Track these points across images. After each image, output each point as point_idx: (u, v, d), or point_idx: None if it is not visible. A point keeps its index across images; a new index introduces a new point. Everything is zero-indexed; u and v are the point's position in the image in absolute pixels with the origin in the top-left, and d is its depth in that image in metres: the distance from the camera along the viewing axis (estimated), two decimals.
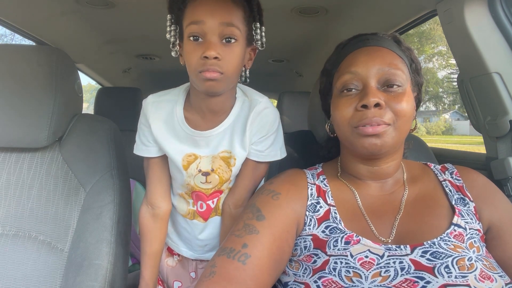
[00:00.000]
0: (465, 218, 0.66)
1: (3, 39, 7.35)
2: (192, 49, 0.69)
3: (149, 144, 0.83)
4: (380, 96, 0.65)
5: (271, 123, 0.81)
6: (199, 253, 0.95)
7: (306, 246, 0.66)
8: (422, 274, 0.56)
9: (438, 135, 25.26)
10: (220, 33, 0.68)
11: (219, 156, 0.82)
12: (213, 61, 0.67)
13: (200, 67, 0.68)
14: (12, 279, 0.82)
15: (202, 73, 0.68)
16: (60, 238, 0.87)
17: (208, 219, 0.90)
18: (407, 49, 0.73)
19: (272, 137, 0.83)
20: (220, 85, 0.71)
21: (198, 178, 0.84)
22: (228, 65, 0.69)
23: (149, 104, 0.81)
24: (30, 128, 0.88)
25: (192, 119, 0.80)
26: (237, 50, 0.71)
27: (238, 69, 0.74)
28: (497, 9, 0.95)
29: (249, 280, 0.58)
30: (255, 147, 0.82)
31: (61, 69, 0.92)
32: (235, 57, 0.71)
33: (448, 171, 0.75)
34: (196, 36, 0.69)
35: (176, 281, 1.00)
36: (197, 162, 0.82)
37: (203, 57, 0.67)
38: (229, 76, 0.71)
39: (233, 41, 0.70)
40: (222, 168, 0.83)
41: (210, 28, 0.67)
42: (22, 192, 0.89)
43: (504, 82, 0.95)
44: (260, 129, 0.81)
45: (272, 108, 0.82)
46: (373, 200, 0.72)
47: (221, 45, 0.68)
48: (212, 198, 0.88)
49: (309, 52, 2.05)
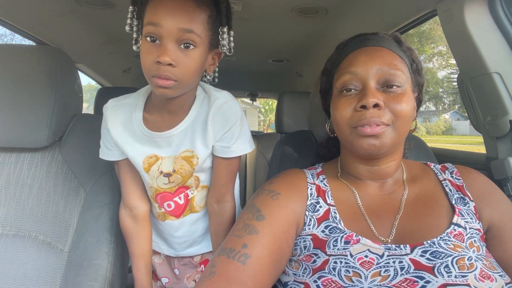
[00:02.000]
0: (465, 218, 0.66)
1: (3, 39, 7.37)
2: (147, 50, 0.66)
3: (112, 148, 0.82)
4: (379, 96, 0.65)
5: (233, 116, 0.79)
6: (178, 250, 0.95)
7: (306, 246, 0.66)
8: (421, 273, 0.56)
9: (438, 135, 25.25)
10: (177, 39, 0.65)
11: (180, 156, 0.81)
12: (167, 67, 0.64)
13: (153, 71, 0.65)
14: (12, 279, 0.82)
15: (155, 78, 0.65)
16: (60, 238, 0.87)
17: (180, 216, 0.89)
18: (408, 49, 0.73)
19: (236, 131, 0.80)
20: (174, 92, 0.69)
21: (161, 179, 0.83)
22: (184, 72, 0.66)
23: (108, 109, 0.80)
24: (30, 128, 0.88)
25: (152, 120, 0.79)
26: (195, 56, 0.67)
27: (196, 75, 0.71)
28: (497, 9, 0.95)
29: (249, 280, 0.58)
30: (221, 144, 0.80)
31: (61, 69, 0.92)
32: (192, 63, 0.67)
33: (448, 170, 0.75)
34: (153, 37, 0.65)
35: (163, 277, 1.02)
36: (158, 164, 0.81)
37: (156, 62, 0.64)
38: (183, 84, 0.68)
39: (192, 47, 0.66)
40: (184, 167, 0.82)
41: (167, 32, 0.64)
42: (22, 192, 0.89)
43: (504, 82, 0.95)
44: (223, 124, 0.78)
45: (232, 102, 0.80)
46: (373, 200, 0.72)
47: (177, 51, 0.65)
48: (178, 194, 0.87)
49: (309, 52, 2.05)
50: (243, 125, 0.82)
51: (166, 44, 0.64)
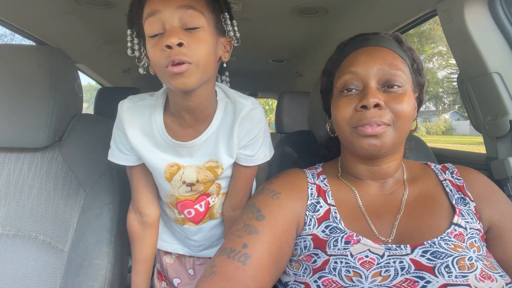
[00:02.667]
0: (466, 218, 0.66)
1: (3, 39, 7.36)
2: (153, 44, 0.62)
3: (128, 152, 0.77)
4: (380, 96, 0.65)
5: (259, 124, 0.76)
6: (194, 251, 0.94)
7: (306, 246, 0.66)
8: (422, 273, 0.56)
9: (438, 135, 25.26)
10: (180, 18, 0.60)
11: (204, 167, 0.77)
12: (177, 49, 0.59)
13: (164, 60, 0.60)
14: (12, 279, 0.82)
15: (169, 67, 0.60)
16: (60, 238, 0.87)
17: (200, 223, 0.88)
18: (409, 49, 0.73)
19: (261, 139, 0.78)
20: (192, 78, 0.62)
21: (183, 188, 0.80)
22: (197, 52, 0.61)
23: (124, 111, 0.74)
24: (30, 128, 0.87)
25: (172, 126, 0.74)
26: (204, 37, 0.63)
27: (211, 59, 0.65)
28: (497, 9, 0.95)
29: (249, 280, 0.58)
30: (244, 152, 0.77)
31: (61, 69, 0.92)
32: (203, 43, 0.62)
33: (448, 170, 0.75)
34: (155, 33, 0.61)
35: (175, 278, 1.00)
36: (180, 173, 0.77)
37: (165, 47, 0.59)
38: (200, 66, 0.62)
39: (197, 28, 0.62)
40: (208, 178, 0.79)
41: (167, 15, 0.60)
42: (22, 192, 0.89)
43: (504, 82, 0.95)
44: (248, 133, 0.75)
45: (258, 108, 0.76)
46: (373, 200, 0.72)
47: (184, 32, 0.61)
48: (199, 202, 0.85)
49: (309, 52, 2.05)
50: (266, 132, 0.79)
51: (170, 27, 0.60)
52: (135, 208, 0.84)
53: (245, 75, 2.83)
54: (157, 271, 1.04)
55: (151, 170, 0.78)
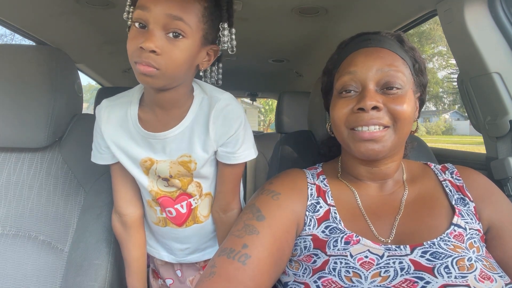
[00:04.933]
0: (465, 218, 0.66)
1: (3, 39, 7.36)
2: (133, 35, 0.63)
3: (102, 151, 0.79)
4: (378, 98, 0.65)
5: (236, 120, 0.74)
6: (179, 256, 0.92)
7: (306, 246, 0.66)
8: (421, 274, 0.56)
9: (438, 135, 25.25)
10: (164, 25, 0.61)
11: (177, 161, 0.77)
12: (150, 54, 0.61)
13: (135, 57, 0.62)
14: (12, 279, 0.82)
15: (137, 65, 0.62)
16: (60, 238, 0.87)
17: (183, 226, 0.86)
18: (411, 49, 0.72)
19: (241, 135, 0.75)
20: (157, 81, 0.64)
21: (160, 182, 0.80)
22: (168, 61, 0.62)
23: (102, 109, 0.77)
24: (30, 128, 0.87)
25: (146, 119, 0.75)
26: (183, 47, 0.63)
27: (183, 68, 0.66)
28: (497, 9, 0.95)
29: (249, 281, 0.58)
30: (225, 149, 0.76)
31: (61, 69, 0.92)
32: (179, 54, 0.63)
33: (448, 171, 0.75)
34: (141, 23, 0.62)
35: (167, 279, 1.00)
36: (154, 168, 0.77)
37: (140, 48, 0.61)
38: (167, 74, 0.64)
39: (180, 37, 0.63)
40: (181, 173, 0.78)
41: (153, 17, 0.61)
42: (22, 192, 0.89)
43: (504, 82, 0.95)
44: (226, 129, 0.74)
45: (235, 104, 0.75)
46: (373, 201, 0.72)
47: (163, 39, 0.62)
48: (179, 202, 0.83)
49: (309, 52, 2.05)
50: (247, 129, 0.77)
51: (153, 30, 0.61)
52: (114, 208, 0.85)
53: (245, 75, 2.82)
54: (152, 270, 1.04)
55: (127, 165, 0.78)
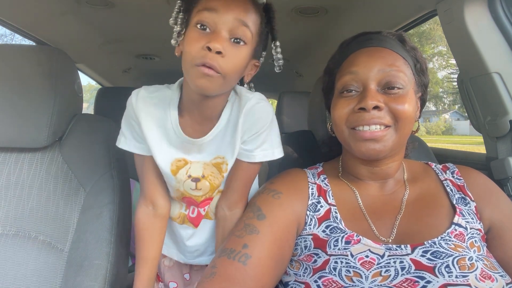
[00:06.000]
0: (466, 218, 0.66)
1: (3, 39, 7.34)
2: (195, 37, 0.62)
3: (142, 141, 0.75)
4: (379, 98, 0.65)
5: (264, 118, 0.73)
6: (189, 258, 0.91)
7: (306, 246, 0.66)
8: (422, 273, 0.56)
9: (438, 135, 25.27)
10: (231, 29, 0.62)
11: (211, 163, 0.76)
12: (215, 56, 0.60)
13: (198, 59, 0.60)
14: (12, 279, 0.82)
15: (199, 67, 0.60)
16: (60, 238, 0.87)
17: (198, 226, 0.85)
18: (412, 48, 0.72)
19: (263, 135, 0.73)
20: (214, 86, 0.63)
21: (188, 184, 0.78)
22: (230, 65, 0.62)
23: (139, 100, 0.73)
24: (30, 128, 0.87)
25: (184, 124, 0.73)
26: (244, 54, 0.64)
27: (238, 75, 0.67)
28: (497, 9, 0.95)
29: (249, 281, 0.58)
30: (245, 147, 0.74)
31: (61, 69, 0.92)
32: (240, 60, 0.64)
33: (449, 170, 0.75)
34: (204, 25, 0.62)
35: (171, 282, 0.99)
36: (187, 168, 0.76)
37: (205, 48, 0.59)
38: (226, 79, 0.63)
39: (242, 43, 0.63)
40: (213, 174, 0.77)
41: (223, 19, 0.61)
42: (22, 192, 0.89)
43: (504, 82, 0.95)
44: (251, 126, 0.72)
45: (264, 103, 0.74)
46: (373, 200, 0.72)
47: (229, 41, 0.62)
48: (203, 206, 0.83)
49: (309, 52, 2.05)
50: (273, 129, 0.75)
51: (220, 31, 0.61)
52: (148, 200, 0.81)
53: None
54: None
55: (157, 163, 0.76)
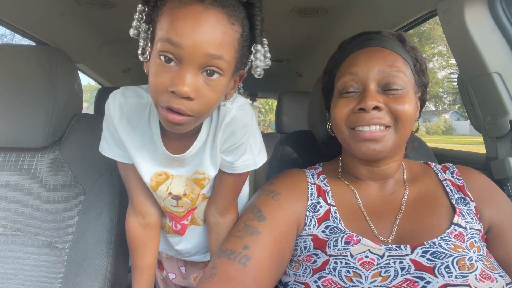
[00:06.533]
0: (466, 218, 0.66)
1: (3, 39, 7.33)
2: (158, 72, 0.52)
3: (124, 149, 0.69)
4: (379, 98, 0.65)
5: (243, 130, 0.66)
6: (181, 257, 0.92)
7: (306, 246, 0.66)
8: (422, 274, 0.56)
9: (438, 135, 25.27)
10: (201, 64, 0.51)
11: (192, 178, 0.71)
12: (183, 100, 0.51)
13: (163, 102, 0.52)
14: (12, 279, 0.82)
15: (164, 110, 0.52)
16: (60, 238, 0.87)
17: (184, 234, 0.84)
18: (412, 48, 0.72)
19: (243, 146, 0.67)
20: (186, 128, 0.56)
21: (168, 201, 0.74)
22: (203, 105, 0.53)
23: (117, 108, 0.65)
24: (30, 128, 0.87)
25: (167, 140, 0.67)
26: (220, 86, 0.54)
27: (215, 105, 0.58)
28: (497, 9, 0.95)
29: (250, 282, 0.58)
30: (226, 158, 0.69)
31: (61, 69, 0.92)
32: (215, 95, 0.54)
33: (449, 170, 0.75)
34: (168, 57, 0.51)
35: (170, 273, 1.00)
36: (168, 183, 0.71)
37: (170, 91, 0.50)
38: (200, 118, 0.57)
39: (217, 75, 0.53)
40: (194, 191, 0.73)
41: (189, 56, 0.50)
42: (22, 192, 0.89)
43: (504, 82, 0.95)
44: (229, 137, 0.66)
45: (244, 111, 0.66)
46: (373, 200, 0.72)
47: (198, 80, 0.52)
48: (185, 218, 0.80)
49: (309, 52, 2.05)
50: (251, 137, 0.68)
51: (187, 70, 0.50)
52: (137, 209, 0.78)
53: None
54: (158, 261, 1.03)
55: (140, 172, 0.71)
